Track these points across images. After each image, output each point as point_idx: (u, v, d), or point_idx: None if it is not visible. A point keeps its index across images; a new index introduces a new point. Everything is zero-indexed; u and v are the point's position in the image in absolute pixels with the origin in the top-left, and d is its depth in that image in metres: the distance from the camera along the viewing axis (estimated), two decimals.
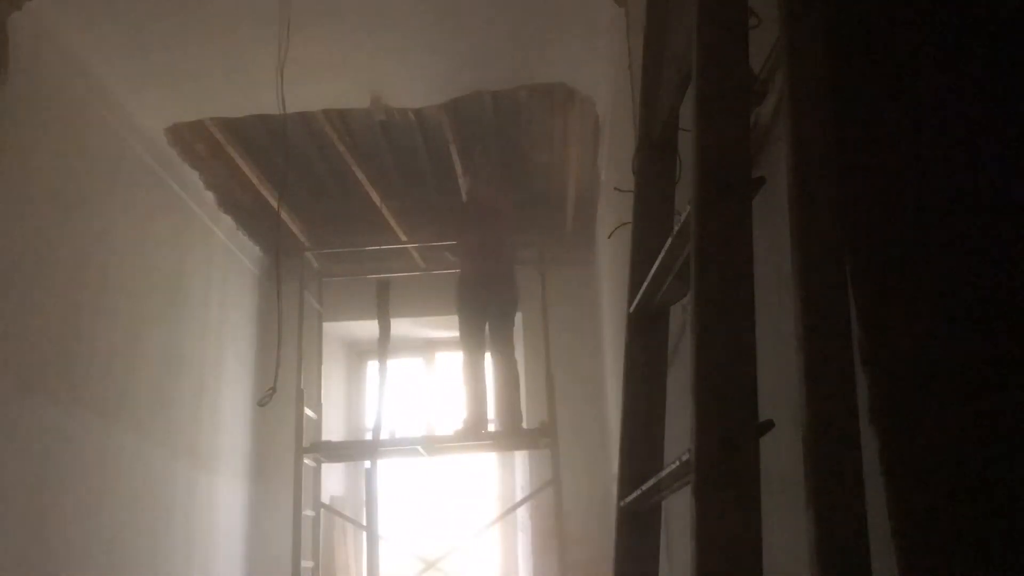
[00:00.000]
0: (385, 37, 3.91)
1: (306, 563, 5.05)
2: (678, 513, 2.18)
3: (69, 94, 3.76)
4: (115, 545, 3.95)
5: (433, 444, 4.95)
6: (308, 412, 5.15)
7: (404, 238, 5.79)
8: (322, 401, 5.27)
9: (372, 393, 6.40)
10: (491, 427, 4.98)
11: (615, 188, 3.64)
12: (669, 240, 1.31)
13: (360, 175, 5.41)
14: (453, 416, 6.15)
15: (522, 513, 5.69)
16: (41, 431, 3.43)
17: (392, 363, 6.44)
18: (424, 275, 5.89)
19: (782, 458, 1.25)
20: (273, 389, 4.14)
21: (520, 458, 5.82)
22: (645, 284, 1.46)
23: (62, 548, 3.54)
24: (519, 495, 5.63)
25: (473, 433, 4.76)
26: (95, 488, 3.81)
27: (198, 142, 4.75)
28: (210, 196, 5.20)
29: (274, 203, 5.35)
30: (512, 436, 4.98)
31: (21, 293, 3.36)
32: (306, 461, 5.11)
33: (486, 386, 4.89)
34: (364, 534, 5.77)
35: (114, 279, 4.08)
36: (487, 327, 4.85)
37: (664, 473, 1.24)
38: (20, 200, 3.39)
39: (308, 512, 5.15)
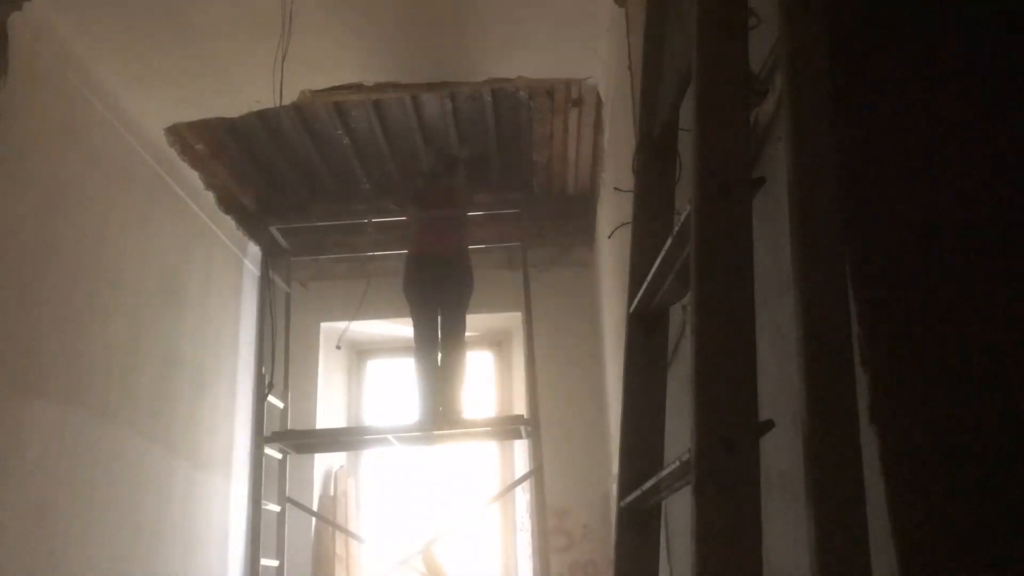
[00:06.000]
0: (382, 34, 3.92)
1: (269, 562, 5.04)
2: (678, 513, 2.18)
3: (69, 94, 3.76)
4: (115, 545, 3.95)
5: (402, 434, 4.87)
6: (273, 400, 5.15)
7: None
8: (294, 391, 5.25)
9: (370, 391, 6.41)
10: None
11: (615, 188, 3.64)
12: (669, 240, 1.31)
13: (360, 175, 5.42)
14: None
15: (522, 512, 5.69)
16: (41, 431, 3.43)
17: (392, 363, 6.49)
18: None
19: (782, 458, 1.25)
20: (270, 381, 4.18)
21: (521, 453, 5.81)
22: (645, 284, 1.46)
23: (62, 548, 3.54)
24: (517, 491, 5.62)
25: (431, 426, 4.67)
26: (95, 488, 3.81)
27: (198, 142, 4.75)
28: (210, 196, 5.20)
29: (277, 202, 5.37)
30: (496, 426, 4.95)
31: (21, 293, 3.36)
32: (271, 452, 5.11)
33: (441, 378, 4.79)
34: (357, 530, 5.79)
35: (114, 279, 4.08)
36: (439, 314, 4.76)
37: (664, 473, 1.24)
38: (19, 200, 3.39)
39: (272, 506, 5.15)
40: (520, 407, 5.55)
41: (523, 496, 5.56)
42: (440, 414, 4.71)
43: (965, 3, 1.14)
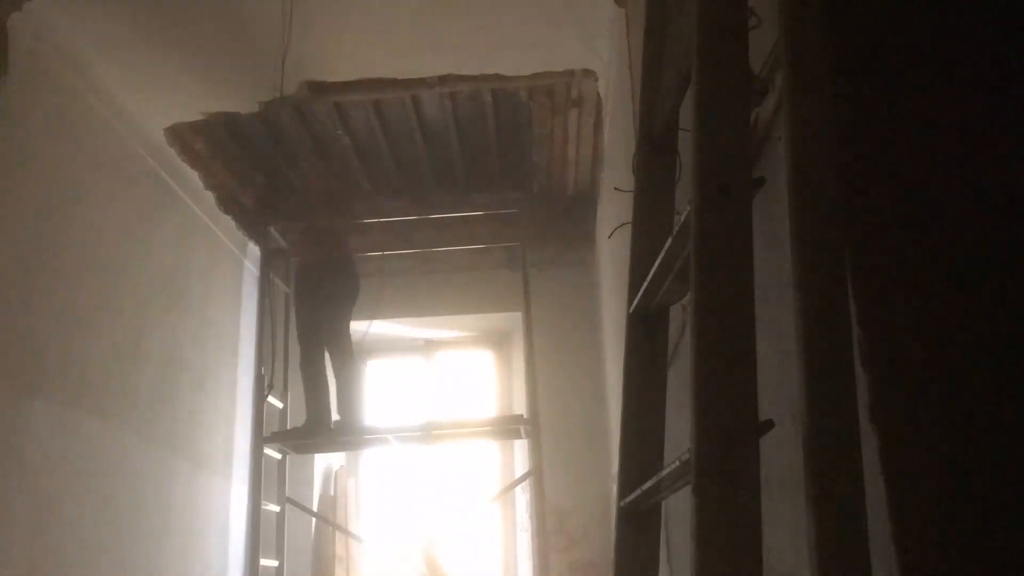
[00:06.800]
0: (382, 33, 3.91)
1: (269, 562, 5.05)
2: (678, 513, 2.18)
3: (69, 94, 3.75)
4: (117, 547, 3.95)
5: (401, 433, 4.93)
6: (273, 400, 5.16)
7: (402, 240, 5.80)
8: (294, 392, 5.25)
9: (370, 391, 6.40)
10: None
11: (615, 188, 3.64)
12: (669, 240, 1.31)
13: (360, 175, 5.42)
14: (451, 412, 6.16)
15: (522, 512, 5.69)
16: (41, 431, 3.43)
17: (392, 363, 6.49)
18: (424, 276, 5.90)
19: (782, 458, 1.25)
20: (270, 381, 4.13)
21: (521, 453, 5.81)
22: (645, 284, 1.46)
23: (63, 549, 3.54)
24: (517, 491, 5.62)
25: (313, 433, 4.71)
26: (96, 489, 3.81)
27: (198, 142, 4.75)
28: (210, 196, 5.20)
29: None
30: (495, 425, 4.98)
31: (21, 293, 3.36)
32: (271, 453, 5.12)
33: (327, 382, 4.82)
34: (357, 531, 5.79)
35: (114, 279, 4.07)
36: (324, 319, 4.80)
37: (664, 473, 1.24)
38: (19, 200, 3.39)
39: (272, 506, 5.16)
40: (520, 407, 5.55)
41: (523, 496, 5.56)
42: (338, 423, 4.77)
43: (965, 3, 1.14)
